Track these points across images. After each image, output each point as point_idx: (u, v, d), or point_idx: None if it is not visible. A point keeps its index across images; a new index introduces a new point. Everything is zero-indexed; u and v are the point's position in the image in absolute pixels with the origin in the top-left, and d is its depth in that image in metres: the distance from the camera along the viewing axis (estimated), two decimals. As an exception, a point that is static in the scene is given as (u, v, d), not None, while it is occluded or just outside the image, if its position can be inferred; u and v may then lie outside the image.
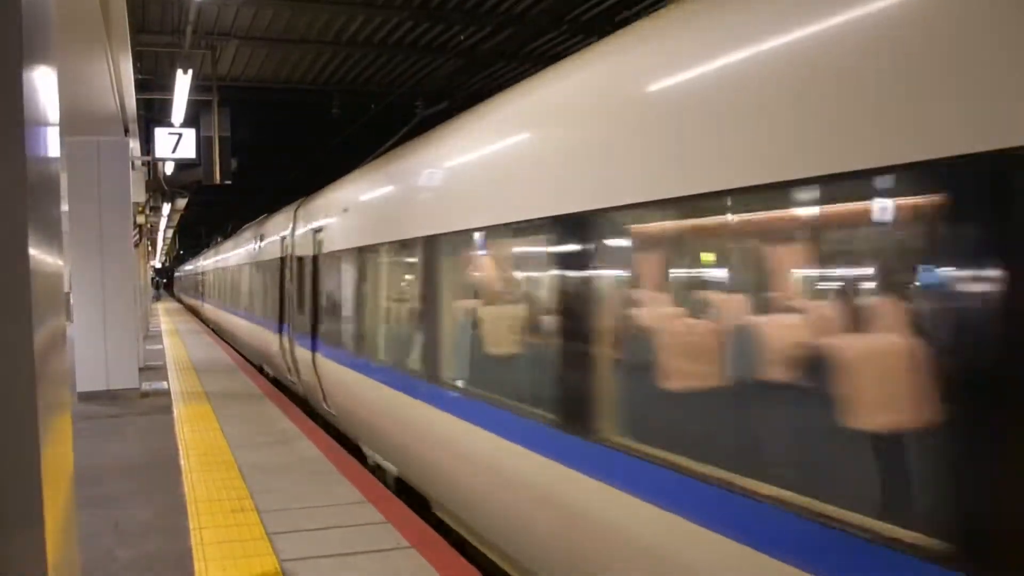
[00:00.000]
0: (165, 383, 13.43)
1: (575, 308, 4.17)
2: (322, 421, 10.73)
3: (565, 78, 4.59)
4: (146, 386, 12.76)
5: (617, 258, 4.08)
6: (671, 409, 3.63)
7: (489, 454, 5.08)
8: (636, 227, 4.00)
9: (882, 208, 2.65)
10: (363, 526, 5.82)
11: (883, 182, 2.55)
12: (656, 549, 3.45)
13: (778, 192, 2.86)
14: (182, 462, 7.84)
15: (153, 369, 15.39)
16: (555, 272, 4.41)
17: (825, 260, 3.11)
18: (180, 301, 49.08)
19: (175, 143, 12.54)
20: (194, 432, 9.30)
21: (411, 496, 7.09)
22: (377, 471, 8.04)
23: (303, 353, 11.16)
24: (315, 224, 10.80)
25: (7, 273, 1.79)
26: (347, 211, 9.19)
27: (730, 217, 3.35)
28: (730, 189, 3.05)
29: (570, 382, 4.20)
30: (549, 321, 4.50)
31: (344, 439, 9.54)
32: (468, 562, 5.17)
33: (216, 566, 5.05)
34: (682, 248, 3.87)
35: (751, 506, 2.92)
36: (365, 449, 8.59)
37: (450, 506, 6.08)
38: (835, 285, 3.03)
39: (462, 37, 13.54)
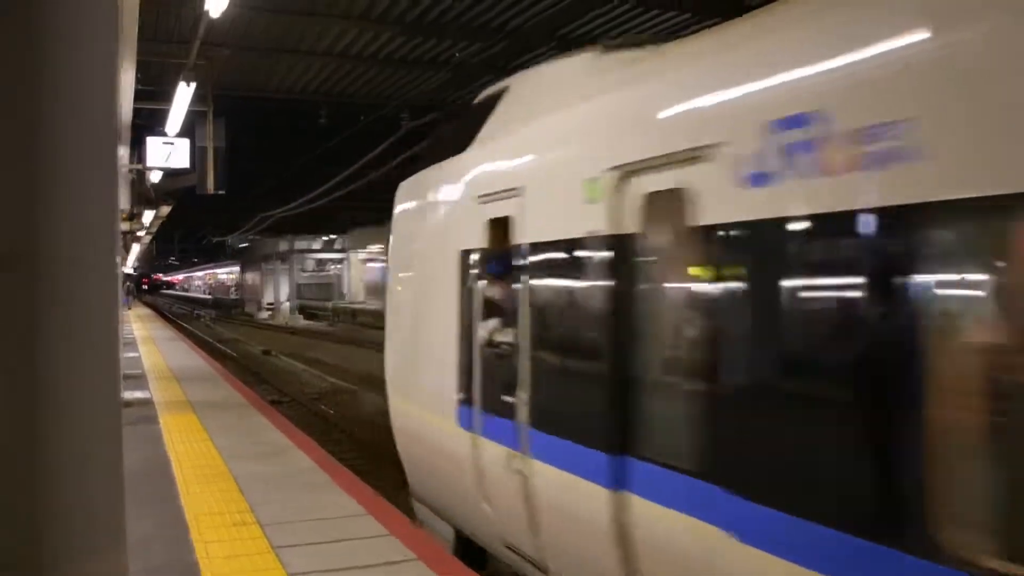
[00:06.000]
0: (148, 392, 13.26)
1: None
2: (315, 431, 10.60)
3: None
4: (128, 395, 12.58)
5: None
6: None
7: None
8: None
9: None
10: (367, 539, 5.80)
11: None
12: None
13: None
14: (175, 473, 7.76)
15: (133, 378, 15.11)
16: None
17: None
18: None
19: (168, 153, 12.47)
20: (184, 443, 9.21)
21: None
22: None
23: None
24: None
25: (103, 277, 1.81)
26: None
27: None
28: None
29: None
30: None
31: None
32: (476, 574, 5.18)
33: (225, 579, 5.02)
34: None
35: None
36: None
37: None
38: None
39: (456, 53, 13.64)
